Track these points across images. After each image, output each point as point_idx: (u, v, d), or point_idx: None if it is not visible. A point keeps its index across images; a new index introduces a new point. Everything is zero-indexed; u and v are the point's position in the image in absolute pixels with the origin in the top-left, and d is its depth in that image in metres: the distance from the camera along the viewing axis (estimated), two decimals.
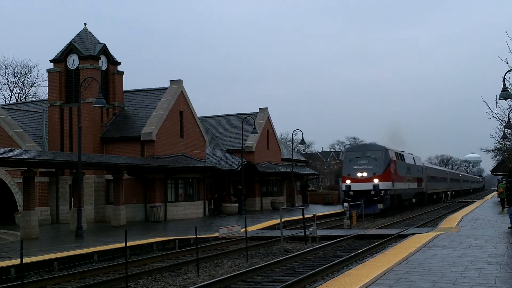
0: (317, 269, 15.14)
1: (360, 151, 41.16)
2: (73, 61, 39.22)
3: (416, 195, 51.25)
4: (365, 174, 39.00)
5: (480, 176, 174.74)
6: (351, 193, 38.74)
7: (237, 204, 43.75)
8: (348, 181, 39.37)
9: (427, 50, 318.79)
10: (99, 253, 19.54)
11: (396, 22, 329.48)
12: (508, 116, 28.01)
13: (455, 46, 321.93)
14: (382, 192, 38.64)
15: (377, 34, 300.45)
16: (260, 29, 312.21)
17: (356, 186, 38.90)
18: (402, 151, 49.18)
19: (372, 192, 38.48)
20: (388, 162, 40.27)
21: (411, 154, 53.21)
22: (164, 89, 41.11)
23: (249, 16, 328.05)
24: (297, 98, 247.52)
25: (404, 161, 46.83)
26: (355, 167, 39.51)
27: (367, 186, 38.64)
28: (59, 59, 39.49)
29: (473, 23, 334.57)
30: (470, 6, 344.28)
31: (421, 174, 54.83)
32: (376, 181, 38.70)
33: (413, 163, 51.21)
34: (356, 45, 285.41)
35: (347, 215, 29.54)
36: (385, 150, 40.95)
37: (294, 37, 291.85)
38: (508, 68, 22.74)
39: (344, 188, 39.79)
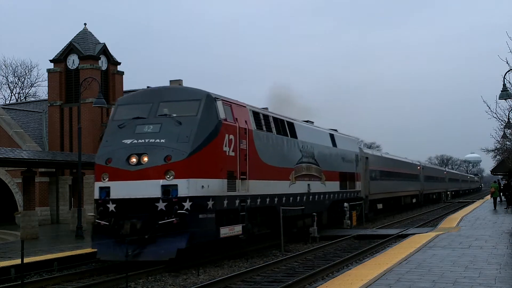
0: (317, 269, 15.18)
1: (147, 103, 17.72)
2: (73, 61, 39.23)
3: (336, 204, 28.47)
4: (146, 160, 16.22)
5: (477, 175, 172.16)
6: (111, 206, 16.36)
7: None
8: (105, 178, 16.66)
9: (427, 50, 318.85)
10: None
11: (394, 22, 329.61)
12: (508, 116, 28.05)
13: (455, 46, 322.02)
14: (189, 203, 15.84)
15: (376, 35, 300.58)
16: (260, 29, 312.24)
17: (123, 190, 16.33)
18: (308, 121, 27.48)
19: (161, 206, 15.89)
20: (215, 128, 17.17)
21: (335, 130, 30.75)
22: None
23: (248, 16, 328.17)
24: (295, 97, 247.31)
25: (295, 136, 23.46)
26: (127, 141, 16.80)
27: (148, 189, 16.05)
28: (59, 59, 39.50)
29: (473, 23, 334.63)
30: (470, 6, 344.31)
31: (354, 167, 31.69)
32: (171, 176, 15.99)
33: (329, 144, 28.16)
34: (355, 45, 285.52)
35: (347, 215, 29.45)
36: (208, 99, 17.40)
37: (293, 37, 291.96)
38: (508, 68, 22.75)
39: (97, 195, 16.87)
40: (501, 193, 44.56)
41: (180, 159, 16.08)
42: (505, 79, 22.26)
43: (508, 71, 22.72)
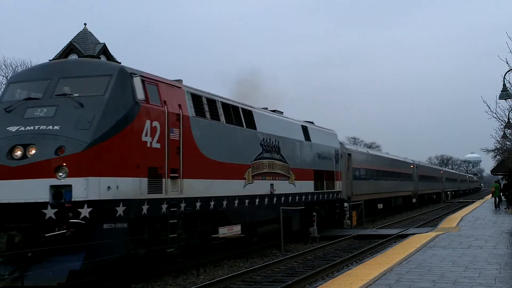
0: (317, 269, 15.19)
1: (44, 80, 13.50)
2: None
3: (311, 207, 24.02)
4: (33, 153, 11.92)
5: (476, 175, 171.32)
6: None
7: None
8: None
9: (427, 50, 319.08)
10: None
11: (394, 22, 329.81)
12: (508, 116, 28.02)
13: (455, 46, 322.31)
14: (87, 209, 11.73)
15: (376, 35, 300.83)
16: (260, 29, 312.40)
17: (2, 192, 11.97)
18: (275, 110, 23.68)
19: (50, 213, 11.67)
20: (130, 112, 12.93)
21: (311, 123, 26.61)
22: None
23: (248, 16, 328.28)
24: (297, 97, 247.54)
25: (253, 127, 19.38)
26: (12, 128, 12.43)
27: (33, 191, 11.73)
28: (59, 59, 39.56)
29: (472, 23, 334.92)
30: (470, 6, 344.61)
31: (333, 165, 27.41)
32: (63, 174, 11.75)
33: (301, 138, 23.83)
34: (355, 46, 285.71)
35: (347, 215, 29.44)
36: (121, 75, 13.19)
37: (293, 37, 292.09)
38: (508, 68, 22.73)
39: None
40: (502, 193, 44.61)
41: (76, 152, 11.85)
42: (505, 79, 22.27)
43: (508, 71, 22.71)
